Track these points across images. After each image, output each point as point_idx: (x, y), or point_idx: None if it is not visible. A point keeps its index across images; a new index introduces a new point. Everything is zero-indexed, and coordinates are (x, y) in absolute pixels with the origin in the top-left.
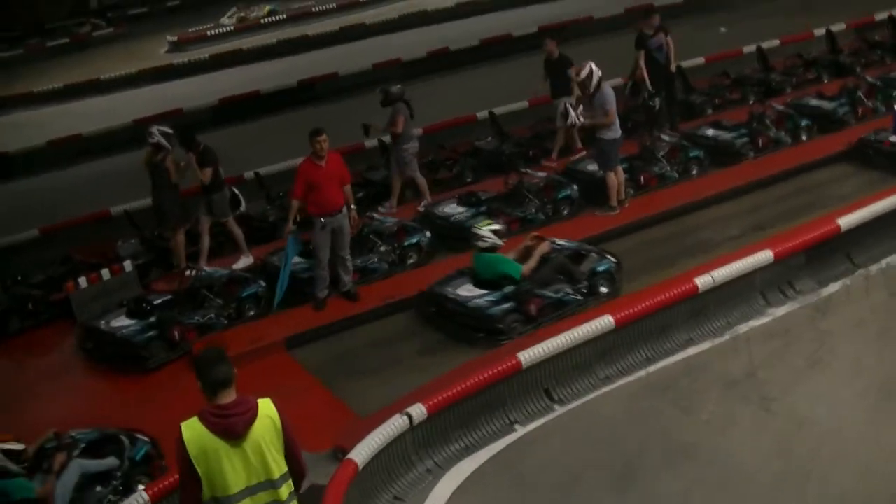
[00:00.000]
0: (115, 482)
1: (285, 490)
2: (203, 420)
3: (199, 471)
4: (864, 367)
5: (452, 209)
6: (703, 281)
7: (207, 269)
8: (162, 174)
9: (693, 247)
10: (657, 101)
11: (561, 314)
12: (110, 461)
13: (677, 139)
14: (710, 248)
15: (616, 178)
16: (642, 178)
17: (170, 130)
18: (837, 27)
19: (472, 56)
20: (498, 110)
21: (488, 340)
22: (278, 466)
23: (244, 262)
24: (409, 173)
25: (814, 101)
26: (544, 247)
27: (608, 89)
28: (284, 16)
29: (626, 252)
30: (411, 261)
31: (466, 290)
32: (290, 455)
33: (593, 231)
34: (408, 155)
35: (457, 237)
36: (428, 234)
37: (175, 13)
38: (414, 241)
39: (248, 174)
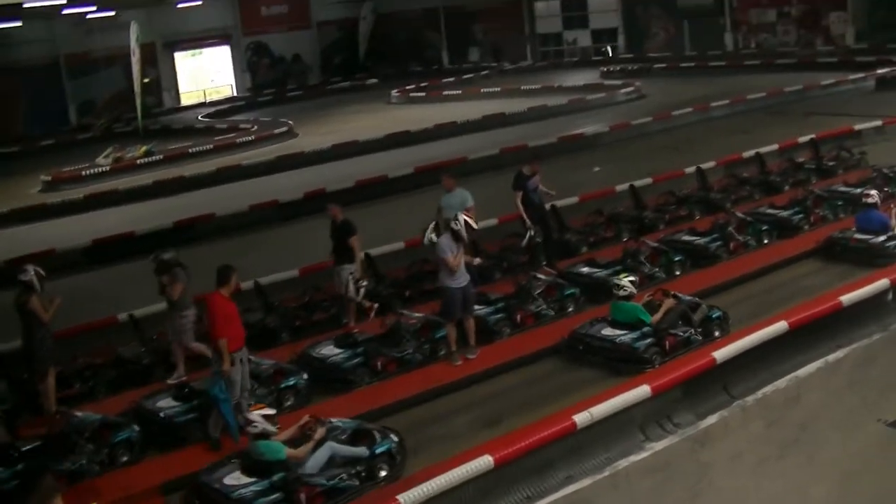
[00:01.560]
0: (358, 467)
1: None
2: None
3: None
4: (743, 499)
5: (329, 351)
6: (581, 418)
7: (79, 413)
8: (30, 315)
9: (571, 383)
10: (536, 238)
11: None
12: (360, 450)
13: (553, 277)
14: (588, 384)
15: (451, 329)
16: (519, 316)
17: (43, 273)
18: (708, 165)
19: (349, 197)
20: (374, 251)
21: None
22: None
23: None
24: (187, 342)
25: (686, 237)
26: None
27: (442, 240)
28: (161, 157)
29: (509, 390)
30: (288, 403)
31: None
32: None
33: (460, 374)
34: (187, 322)
35: (334, 379)
36: (305, 376)
37: (49, 152)
38: (291, 383)
39: (122, 316)
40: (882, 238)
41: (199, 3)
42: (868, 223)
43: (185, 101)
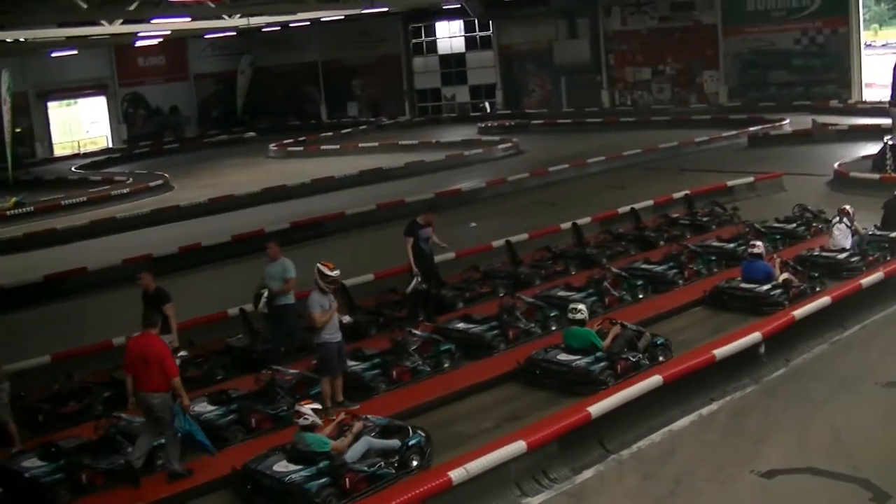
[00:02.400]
0: (392, 459)
1: None
2: None
3: None
4: None
5: (203, 408)
6: (457, 474)
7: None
8: None
9: (447, 441)
10: (421, 285)
11: None
12: (392, 443)
13: (428, 333)
14: (464, 440)
15: (326, 385)
16: (394, 372)
17: None
18: (584, 220)
19: (225, 252)
20: (250, 308)
21: None
22: None
23: None
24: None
25: (562, 293)
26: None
27: (311, 295)
28: (32, 208)
29: None
30: (160, 462)
31: None
32: None
33: None
34: (3, 395)
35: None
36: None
37: None
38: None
39: None
40: (767, 287)
41: (75, 52)
42: (753, 273)
43: (59, 151)
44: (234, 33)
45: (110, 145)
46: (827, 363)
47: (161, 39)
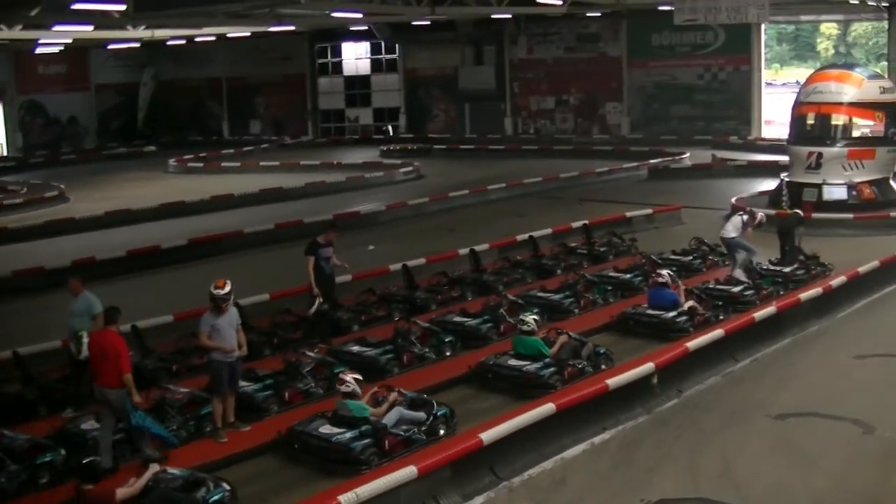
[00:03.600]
0: (422, 427)
1: None
2: None
3: None
4: None
5: (90, 426)
6: (346, 498)
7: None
8: None
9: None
10: (324, 306)
11: None
12: (420, 415)
13: (322, 355)
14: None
15: (217, 405)
16: (287, 394)
17: None
18: (482, 247)
19: (120, 266)
20: (142, 324)
21: None
22: None
23: None
24: None
25: (457, 318)
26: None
27: (204, 314)
28: None
29: (273, 470)
30: (43, 480)
31: None
32: None
33: (226, 452)
34: None
35: (95, 455)
36: (63, 451)
37: None
38: (48, 459)
39: None
40: (673, 314)
41: None
42: (660, 300)
43: None
44: (137, 45)
45: (5, 153)
46: (719, 395)
47: (62, 48)
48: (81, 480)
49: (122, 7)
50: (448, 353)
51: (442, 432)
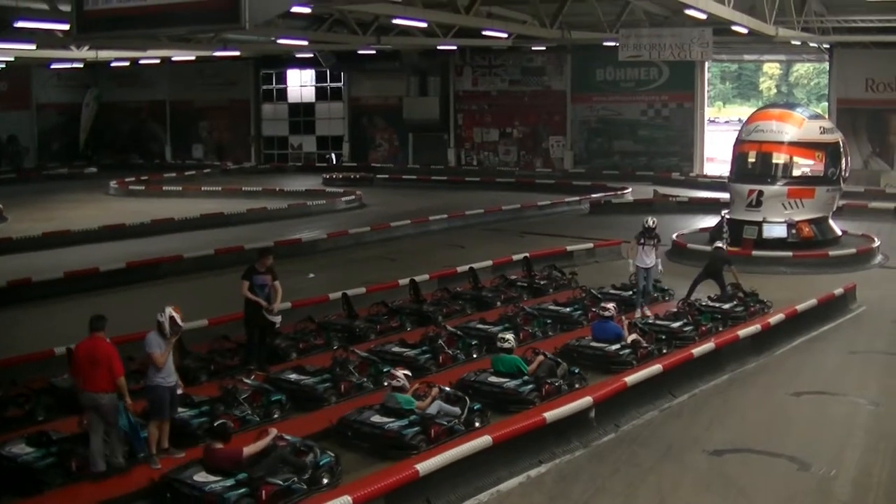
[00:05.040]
0: (455, 419)
1: None
2: None
3: None
4: None
5: (20, 450)
6: None
7: None
8: None
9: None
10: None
11: None
12: (455, 409)
13: (259, 383)
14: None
15: (154, 430)
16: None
17: None
18: (422, 277)
19: (57, 288)
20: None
21: None
22: None
23: None
24: None
25: (396, 349)
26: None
27: (149, 336)
28: None
29: None
30: None
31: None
32: None
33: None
34: None
35: (24, 480)
36: None
37: None
38: None
39: None
40: (616, 347)
41: None
42: (604, 333)
43: None
44: (81, 65)
45: None
46: (656, 430)
47: (4, 65)
48: (214, 439)
49: (66, 27)
50: (386, 384)
51: (477, 424)
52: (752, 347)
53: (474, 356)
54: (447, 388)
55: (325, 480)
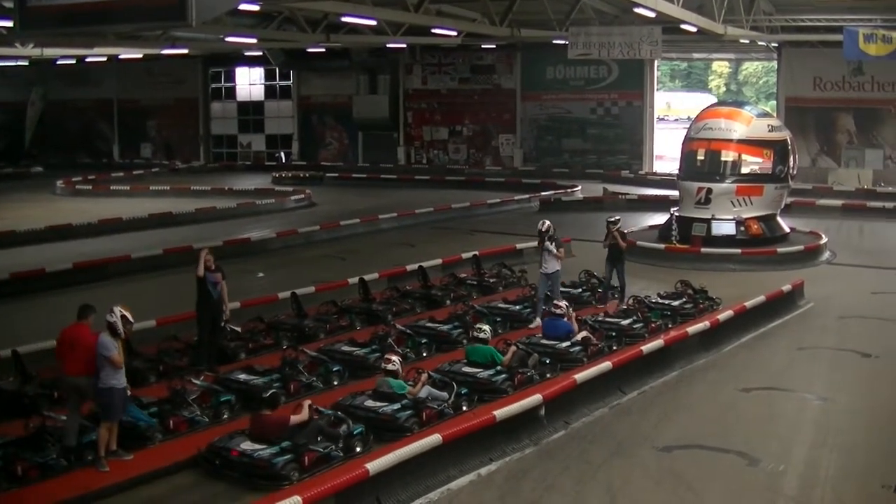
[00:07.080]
0: (445, 403)
1: None
2: None
3: None
4: None
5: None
6: None
7: None
8: None
9: (218, 494)
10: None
11: None
12: (443, 394)
13: (208, 383)
14: (237, 496)
15: (104, 432)
16: (171, 422)
17: None
18: (371, 276)
19: (3, 290)
20: (24, 349)
21: None
22: None
23: None
24: None
25: (346, 348)
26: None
27: (102, 337)
28: None
29: (157, 498)
30: None
31: None
32: None
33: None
34: None
35: None
36: None
37: None
38: None
39: None
40: (567, 344)
41: None
42: (555, 330)
43: None
44: (26, 63)
45: None
46: (606, 427)
47: None
48: (264, 407)
49: (9, 24)
50: (335, 383)
51: (465, 408)
52: (701, 344)
53: (424, 355)
54: (435, 375)
55: (358, 448)
